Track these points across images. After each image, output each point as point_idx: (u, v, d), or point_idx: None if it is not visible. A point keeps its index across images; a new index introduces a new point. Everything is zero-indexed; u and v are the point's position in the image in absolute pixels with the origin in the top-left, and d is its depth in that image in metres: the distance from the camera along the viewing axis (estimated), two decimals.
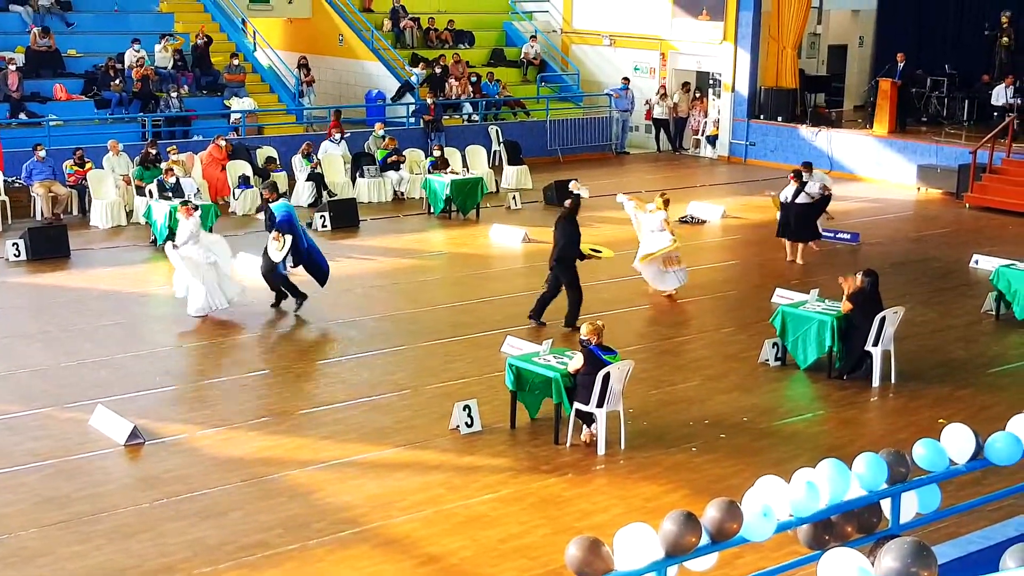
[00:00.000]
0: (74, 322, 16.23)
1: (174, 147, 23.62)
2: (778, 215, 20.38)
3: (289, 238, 16.48)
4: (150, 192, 21.63)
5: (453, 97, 30.18)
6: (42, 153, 22.35)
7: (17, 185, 22.61)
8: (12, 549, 10.00)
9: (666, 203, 17.91)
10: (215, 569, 9.72)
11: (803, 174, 20.14)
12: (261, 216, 20.07)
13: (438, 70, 30.64)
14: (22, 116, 25.30)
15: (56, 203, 22.24)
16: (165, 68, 27.85)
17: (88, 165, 22.84)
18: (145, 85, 26.74)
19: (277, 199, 17.44)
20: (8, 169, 22.65)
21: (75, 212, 22.67)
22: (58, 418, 12.86)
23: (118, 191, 22.60)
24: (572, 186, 18.06)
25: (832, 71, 33.11)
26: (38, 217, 22.10)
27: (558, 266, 16.15)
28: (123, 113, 26.58)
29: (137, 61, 27.24)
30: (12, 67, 25.81)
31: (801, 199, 19.78)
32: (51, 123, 25.06)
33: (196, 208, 17.18)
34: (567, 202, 16.67)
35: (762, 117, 30.24)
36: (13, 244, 19.45)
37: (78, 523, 10.46)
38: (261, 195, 18.04)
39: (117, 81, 26.64)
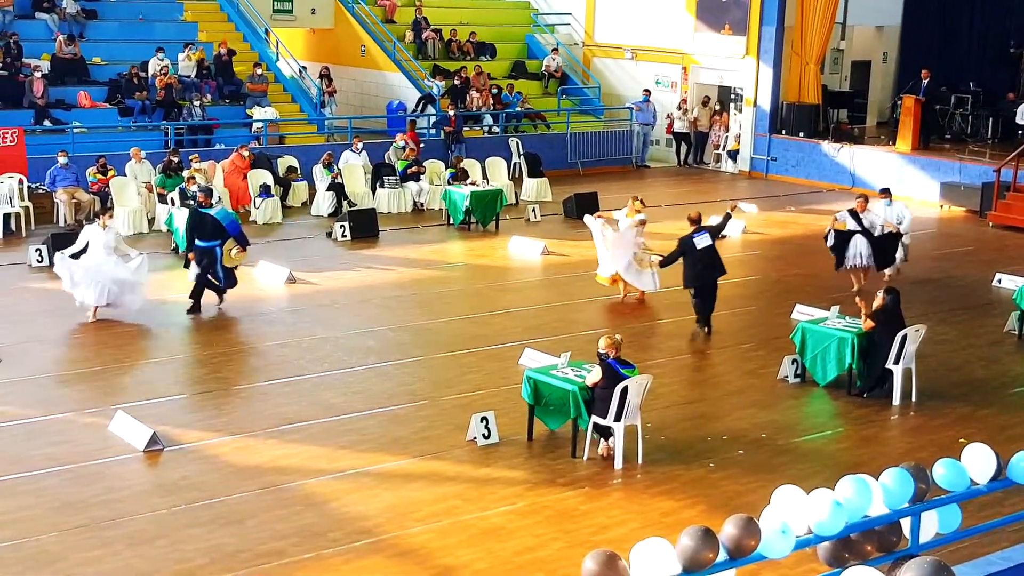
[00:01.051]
0: (95, 328, 16.27)
1: (196, 155, 23.71)
2: (829, 239, 18.83)
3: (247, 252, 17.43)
4: (172, 200, 21.72)
5: (474, 109, 30.21)
6: (65, 160, 22.46)
7: (41, 191, 22.73)
8: (31, 553, 10.03)
9: (642, 202, 18.26)
10: None
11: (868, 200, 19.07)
12: (268, 220, 20.02)
13: (458, 81, 30.70)
14: (47, 123, 25.47)
15: (79, 209, 22.34)
16: (188, 77, 27.99)
17: (111, 173, 22.95)
18: (168, 93, 26.87)
19: (211, 206, 17.65)
20: (32, 175, 22.77)
21: (94, 219, 22.72)
22: (78, 423, 12.90)
23: (140, 198, 22.70)
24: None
25: (855, 87, 33.06)
26: (61, 223, 22.20)
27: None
28: (146, 121, 26.71)
29: (161, 70, 27.38)
30: (37, 74, 25.98)
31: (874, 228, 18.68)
32: (75, 130, 25.20)
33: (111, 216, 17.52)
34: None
35: (784, 132, 30.18)
36: (36, 249, 19.54)
37: (96, 528, 10.48)
38: (195, 199, 18.05)
39: (143, 92, 26.76)
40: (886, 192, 20.00)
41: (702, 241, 16.60)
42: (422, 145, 26.63)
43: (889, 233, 18.93)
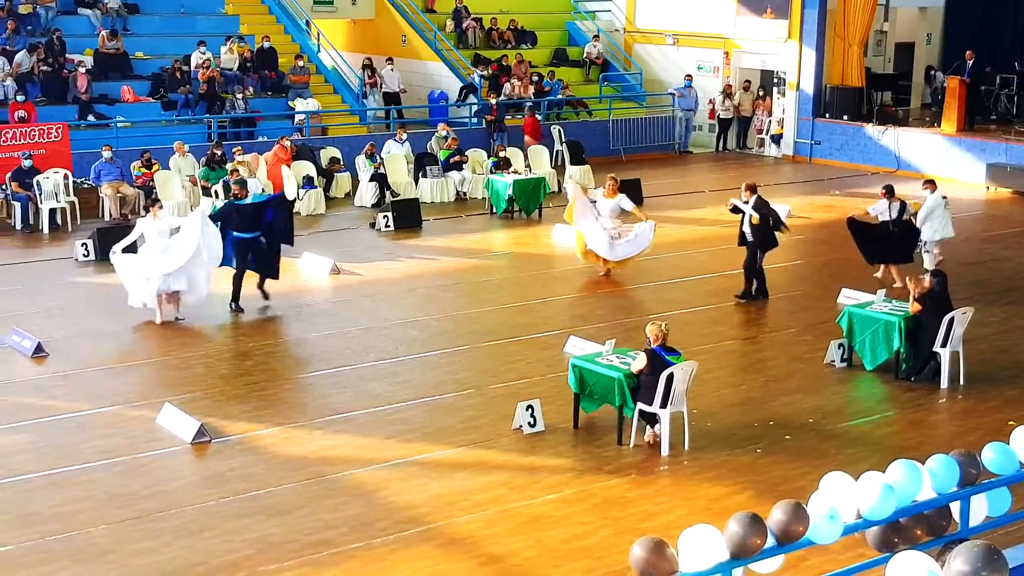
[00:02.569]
0: (142, 321, 16.39)
1: (239, 148, 23.84)
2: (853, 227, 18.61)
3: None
4: (216, 193, 21.85)
5: (514, 97, 30.17)
6: (109, 154, 22.64)
7: (86, 186, 22.91)
8: (81, 545, 10.14)
9: (619, 186, 18.62)
10: (280, 567, 9.78)
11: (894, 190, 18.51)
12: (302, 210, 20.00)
13: (491, 70, 30.63)
14: (91, 118, 25.67)
15: (124, 203, 22.52)
16: (230, 70, 28.13)
17: (155, 167, 23.12)
18: (211, 87, 27.02)
19: (247, 197, 17.35)
20: (77, 170, 22.98)
21: (142, 212, 22.90)
22: (126, 416, 13.01)
23: (184, 192, 22.85)
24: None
25: (899, 69, 32.74)
26: (106, 217, 22.38)
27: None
28: (189, 114, 26.88)
29: (203, 63, 27.53)
30: (81, 69, 26.20)
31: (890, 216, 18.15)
32: (119, 124, 25.39)
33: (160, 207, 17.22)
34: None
35: (827, 116, 29.94)
36: (82, 244, 19.71)
37: (146, 520, 10.57)
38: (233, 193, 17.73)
39: (186, 86, 26.94)
40: (888, 190, 18.50)
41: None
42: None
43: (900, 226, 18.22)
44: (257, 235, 16.78)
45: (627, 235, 18.34)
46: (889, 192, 18.25)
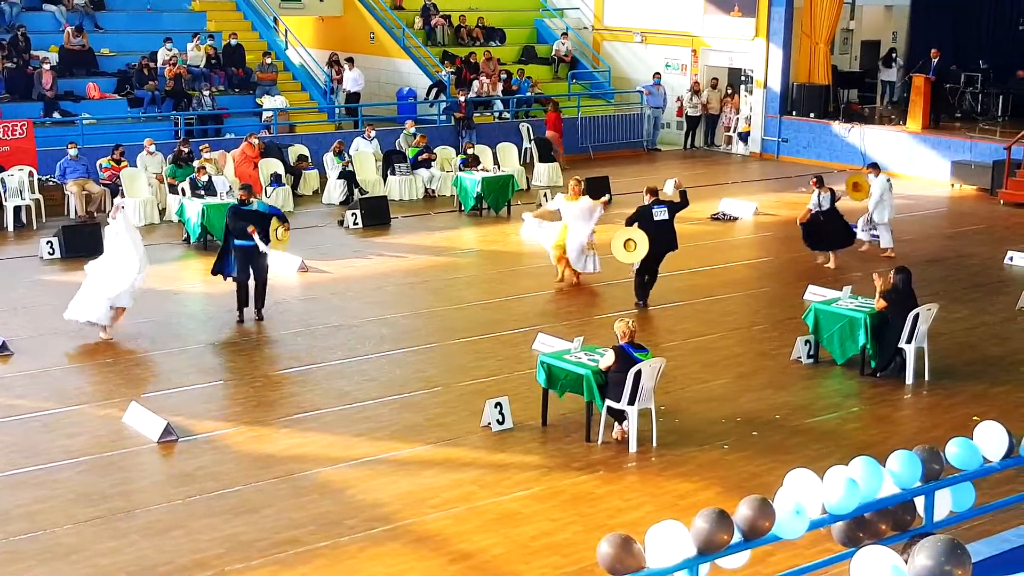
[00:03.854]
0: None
1: (207, 145, 23.73)
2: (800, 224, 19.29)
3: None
4: (183, 190, 21.74)
5: (483, 94, 30.15)
6: (75, 151, 22.49)
7: (51, 183, 22.76)
8: (47, 545, 10.08)
9: (582, 188, 18.43)
10: (247, 566, 9.76)
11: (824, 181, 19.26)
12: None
13: (456, 64, 30.62)
14: (56, 115, 25.49)
15: (90, 201, 22.37)
16: (197, 67, 27.99)
17: (124, 163, 22.99)
18: (178, 84, 26.88)
19: (251, 203, 16.42)
20: (42, 167, 22.81)
21: (108, 210, 22.78)
22: (93, 415, 12.95)
23: (151, 189, 22.74)
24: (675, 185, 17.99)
25: (865, 67, 32.93)
26: (72, 215, 22.24)
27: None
28: (156, 112, 26.72)
29: (170, 60, 27.39)
30: (46, 66, 25.99)
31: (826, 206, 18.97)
32: (84, 122, 25.23)
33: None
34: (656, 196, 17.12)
35: (794, 113, 30.10)
36: (47, 242, 19.59)
37: (112, 519, 10.53)
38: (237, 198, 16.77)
39: (152, 83, 26.78)
40: (818, 180, 19.25)
41: (660, 214, 16.89)
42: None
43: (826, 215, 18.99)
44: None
45: (593, 250, 18.13)
46: (820, 182, 18.94)
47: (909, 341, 13.98)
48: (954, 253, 20.69)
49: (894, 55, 32.00)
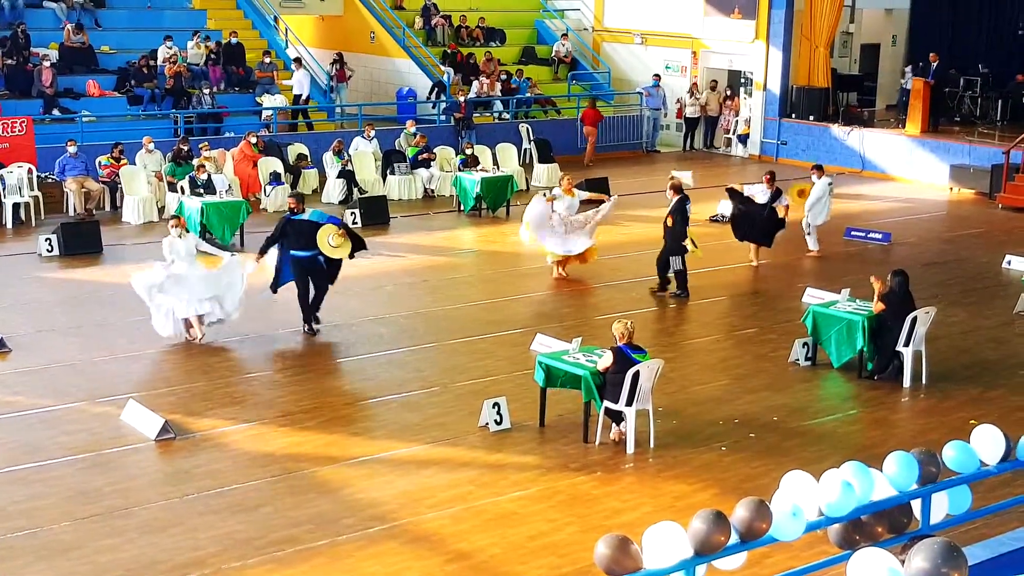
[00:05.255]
0: (106, 317, 16.33)
1: (206, 143, 23.74)
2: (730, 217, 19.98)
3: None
4: (182, 188, 21.73)
5: (483, 95, 30.14)
6: (74, 149, 22.50)
7: (50, 180, 22.76)
8: (45, 542, 10.09)
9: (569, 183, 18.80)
10: (244, 564, 9.77)
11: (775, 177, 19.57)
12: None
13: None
14: (55, 112, 25.50)
15: (89, 199, 22.38)
16: (197, 65, 27.99)
17: (124, 160, 22.99)
18: (177, 82, 26.88)
19: (304, 211, 15.83)
20: (41, 164, 22.81)
21: (107, 208, 22.80)
22: (90, 412, 12.95)
23: (150, 187, 22.74)
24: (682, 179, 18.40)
25: (864, 70, 32.94)
26: (71, 212, 22.24)
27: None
28: (155, 110, 26.73)
29: (170, 58, 27.39)
30: (46, 63, 26.00)
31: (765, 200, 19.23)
32: (84, 119, 25.23)
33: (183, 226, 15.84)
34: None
35: (794, 116, 30.11)
36: (46, 239, 19.58)
37: (110, 517, 10.53)
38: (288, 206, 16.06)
39: (152, 81, 26.79)
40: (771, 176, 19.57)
41: (690, 210, 17.53)
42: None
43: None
44: (315, 254, 15.42)
45: (579, 226, 18.31)
46: (772, 178, 19.25)
47: (907, 344, 14.00)
48: (952, 257, 20.71)
49: (920, 63, 31.50)
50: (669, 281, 17.59)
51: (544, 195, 18.66)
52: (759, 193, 19.31)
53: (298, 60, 28.88)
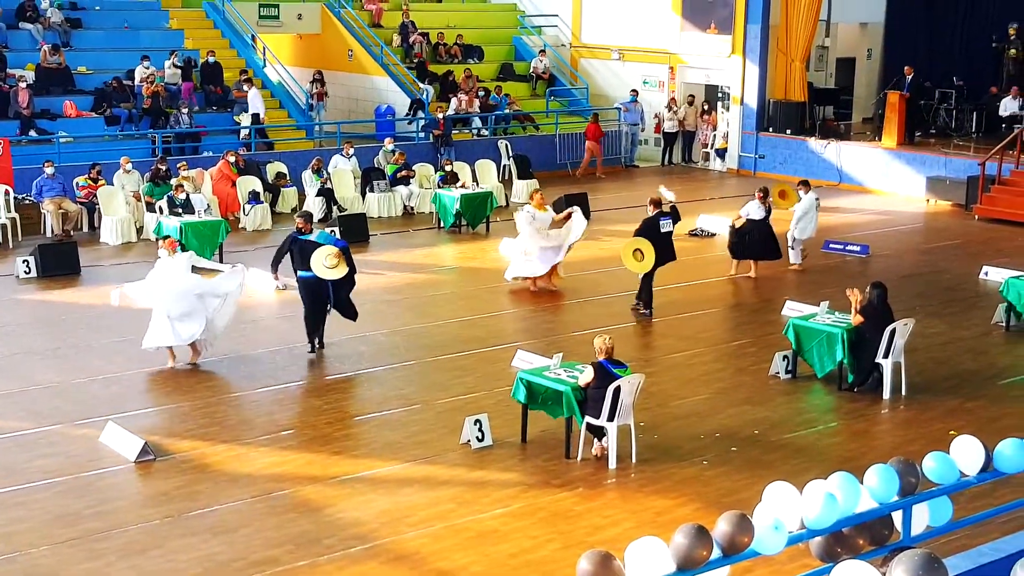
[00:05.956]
0: (84, 339, 16.26)
1: (184, 163, 23.68)
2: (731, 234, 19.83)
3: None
4: (160, 208, 21.69)
5: (461, 111, 30.16)
6: (51, 170, 22.42)
7: (27, 202, 22.67)
8: (24, 566, 10.01)
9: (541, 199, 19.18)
10: None
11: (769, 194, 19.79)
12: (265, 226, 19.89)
13: (431, 86, 30.75)
14: (32, 133, 25.41)
15: (66, 220, 22.29)
16: (175, 85, 27.94)
17: (101, 182, 22.92)
18: (155, 102, 26.83)
19: (311, 231, 15.58)
20: (18, 186, 22.72)
21: (85, 229, 22.72)
22: (69, 435, 12.87)
23: (128, 207, 22.67)
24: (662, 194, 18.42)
25: (840, 84, 33.11)
26: (48, 234, 22.16)
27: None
28: (133, 130, 26.67)
29: (147, 78, 27.33)
30: (22, 84, 25.92)
31: (760, 216, 19.44)
32: (61, 140, 25.15)
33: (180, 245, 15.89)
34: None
35: (771, 130, 30.23)
36: (23, 261, 19.49)
37: (89, 540, 10.46)
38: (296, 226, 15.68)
39: (129, 101, 26.73)
40: (764, 192, 19.81)
41: (666, 225, 17.34)
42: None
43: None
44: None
45: (553, 240, 18.58)
46: (765, 195, 19.41)
47: (886, 356, 14.04)
48: (930, 268, 20.80)
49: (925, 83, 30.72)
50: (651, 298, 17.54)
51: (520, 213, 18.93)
52: (754, 210, 19.37)
53: (248, 80, 28.46)
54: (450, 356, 15.71)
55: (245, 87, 28.23)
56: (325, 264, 15.13)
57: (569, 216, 18.97)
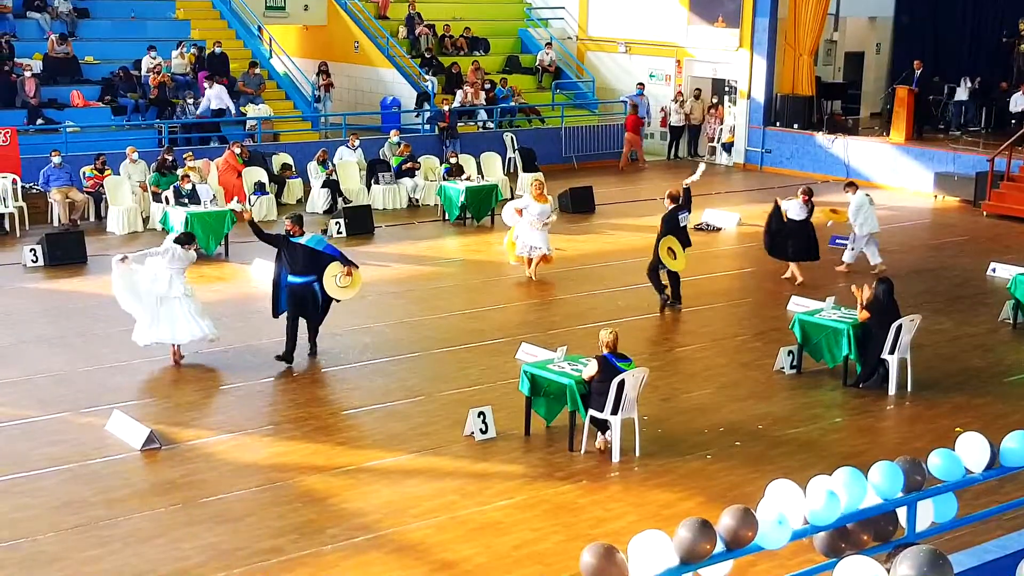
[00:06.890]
0: (91, 327, 16.28)
1: (190, 154, 23.68)
2: (766, 236, 19.14)
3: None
4: (166, 198, 21.68)
5: (467, 104, 30.14)
6: (59, 159, 22.44)
7: (35, 191, 22.70)
8: (30, 553, 10.04)
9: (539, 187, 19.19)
10: (229, 574, 9.73)
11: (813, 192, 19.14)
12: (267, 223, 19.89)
13: (435, 76, 30.72)
14: (39, 122, 25.42)
15: (73, 209, 22.31)
16: (182, 75, 27.94)
17: (107, 172, 22.93)
18: (161, 92, 26.83)
19: (302, 234, 15.21)
20: (26, 175, 22.74)
21: (92, 218, 22.75)
22: (75, 423, 12.90)
23: (134, 197, 22.68)
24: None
25: (849, 78, 33.06)
26: (55, 223, 22.18)
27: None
28: (139, 120, 26.68)
29: (154, 68, 27.34)
30: (29, 73, 25.92)
31: (802, 216, 18.80)
32: (68, 129, 25.15)
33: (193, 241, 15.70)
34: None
35: (778, 124, 30.18)
36: (31, 250, 19.52)
37: (94, 528, 10.49)
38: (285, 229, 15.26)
39: (136, 91, 26.72)
40: (808, 193, 19.03)
41: (684, 219, 17.46)
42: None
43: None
44: (311, 281, 14.95)
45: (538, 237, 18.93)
46: (809, 195, 18.85)
47: (892, 352, 14.03)
48: (937, 264, 20.76)
49: (966, 81, 30.36)
50: (665, 287, 17.54)
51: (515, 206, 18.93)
52: (796, 210, 18.69)
53: (211, 77, 27.66)
54: (454, 348, 15.71)
55: (206, 84, 27.43)
56: (338, 284, 14.98)
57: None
